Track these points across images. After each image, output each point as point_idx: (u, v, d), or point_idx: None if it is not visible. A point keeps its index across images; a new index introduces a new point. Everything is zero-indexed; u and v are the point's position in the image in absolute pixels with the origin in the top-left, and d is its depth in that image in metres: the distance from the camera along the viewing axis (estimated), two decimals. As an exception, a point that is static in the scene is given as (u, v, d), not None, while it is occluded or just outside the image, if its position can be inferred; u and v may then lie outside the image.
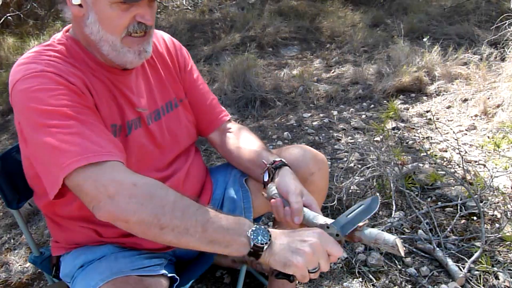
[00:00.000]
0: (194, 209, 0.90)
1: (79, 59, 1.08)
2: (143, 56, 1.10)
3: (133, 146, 1.14)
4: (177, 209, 0.89)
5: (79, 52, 1.09)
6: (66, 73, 1.00)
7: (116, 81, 1.13)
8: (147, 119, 1.19)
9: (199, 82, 1.38)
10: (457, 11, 4.90)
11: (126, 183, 0.89)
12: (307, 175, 1.27)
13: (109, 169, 0.91)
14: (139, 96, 1.18)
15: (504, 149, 2.50)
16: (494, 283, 1.61)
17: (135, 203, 0.87)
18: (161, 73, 1.27)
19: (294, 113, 3.33)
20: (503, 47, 3.54)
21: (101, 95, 1.08)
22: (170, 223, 0.87)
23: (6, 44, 5.12)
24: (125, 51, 1.06)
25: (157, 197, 0.89)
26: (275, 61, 4.48)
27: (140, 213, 0.87)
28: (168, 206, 0.88)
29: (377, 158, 2.30)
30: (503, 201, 2.04)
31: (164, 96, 1.26)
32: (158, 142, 1.21)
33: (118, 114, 1.12)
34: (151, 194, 0.89)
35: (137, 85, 1.19)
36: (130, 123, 1.14)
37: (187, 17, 5.52)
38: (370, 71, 3.81)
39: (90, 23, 1.04)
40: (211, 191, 1.37)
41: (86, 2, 1.02)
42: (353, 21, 5.16)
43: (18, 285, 1.88)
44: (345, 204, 2.09)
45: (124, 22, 1.03)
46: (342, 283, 1.70)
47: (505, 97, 2.89)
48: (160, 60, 1.28)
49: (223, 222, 0.90)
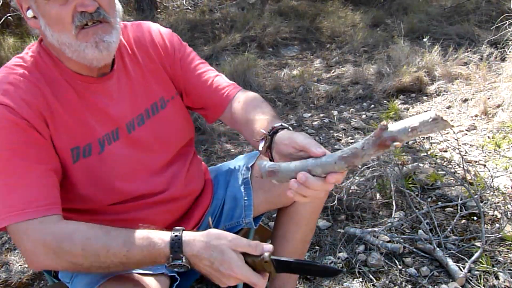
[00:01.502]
0: (105, 252, 0.92)
1: (48, 76, 1.02)
2: (102, 47, 0.99)
3: (111, 161, 1.08)
4: (90, 256, 0.93)
5: (50, 66, 1.03)
6: (20, 105, 0.95)
7: (88, 94, 1.06)
8: (128, 128, 1.12)
9: (194, 66, 1.24)
10: (457, 11, 4.90)
11: (38, 241, 0.93)
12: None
13: (27, 229, 0.93)
14: (120, 103, 1.11)
15: (504, 149, 2.50)
16: (494, 283, 1.61)
17: (51, 258, 0.93)
18: (145, 70, 1.17)
19: (294, 113, 3.33)
20: (503, 47, 3.54)
21: (65, 117, 1.02)
22: (92, 266, 0.93)
23: (6, 44, 5.12)
24: (83, 47, 0.98)
25: (66, 251, 0.93)
26: (275, 61, 4.48)
27: (62, 263, 0.94)
28: (80, 256, 0.93)
29: (377, 158, 2.30)
30: (503, 201, 2.04)
31: (149, 97, 1.17)
32: (144, 147, 1.15)
33: (85, 134, 1.05)
34: (60, 248, 0.93)
35: (118, 90, 1.11)
36: (103, 140, 1.07)
37: (187, 17, 5.53)
38: (370, 71, 3.81)
39: (44, 30, 0.99)
40: (211, 191, 1.36)
41: (35, 10, 0.98)
42: (353, 21, 5.16)
43: (18, 285, 1.88)
44: (345, 204, 2.09)
45: (65, 16, 0.95)
46: (342, 283, 1.70)
47: (505, 97, 2.89)
48: (143, 54, 1.17)
49: (138, 257, 0.94)
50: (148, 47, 1.18)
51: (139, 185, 1.14)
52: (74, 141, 1.04)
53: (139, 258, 0.94)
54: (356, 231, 1.91)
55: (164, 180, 1.19)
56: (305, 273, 0.87)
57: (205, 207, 1.33)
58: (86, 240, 0.94)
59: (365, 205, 2.11)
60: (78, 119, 1.04)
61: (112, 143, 1.09)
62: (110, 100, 1.09)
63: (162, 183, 1.18)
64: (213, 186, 1.38)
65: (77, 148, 1.04)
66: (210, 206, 1.35)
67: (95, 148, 1.06)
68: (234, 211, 1.32)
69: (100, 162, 1.06)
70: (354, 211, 2.08)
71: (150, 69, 1.18)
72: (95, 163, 1.06)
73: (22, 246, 0.94)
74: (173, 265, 0.93)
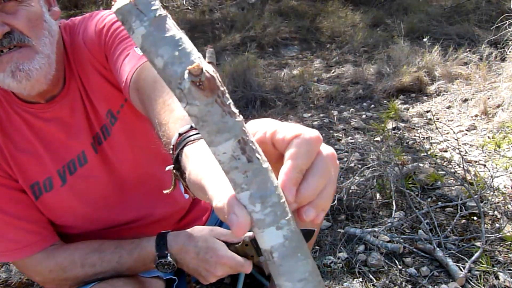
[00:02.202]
0: (100, 262, 0.97)
1: (1, 109, 0.96)
2: (20, 76, 0.84)
3: (78, 190, 1.02)
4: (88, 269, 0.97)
5: (1, 98, 0.96)
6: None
7: (42, 124, 0.97)
8: (93, 148, 1.03)
9: (117, 55, 0.96)
10: (457, 11, 4.90)
11: (44, 273, 0.99)
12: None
13: (33, 262, 1.00)
14: (76, 128, 1.00)
15: (504, 149, 2.50)
16: (494, 283, 1.61)
17: (57, 284, 1.00)
18: (87, 84, 1.01)
19: (294, 113, 3.33)
20: (503, 47, 3.54)
21: (18, 154, 0.96)
22: (90, 277, 0.97)
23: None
24: (1, 77, 0.84)
25: (70, 275, 0.98)
26: (275, 61, 4.48)
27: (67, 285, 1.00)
28: (81, 274, 0.97)
29: (377, 158, 2.30)
30: (503, 201, 2.04)
31: (99, 115, 1.03)
32: (109, 168, 1.05)
33: (43, 168, 0.99)
34: (65, 273, 0.98)
35: (73, 112, 1.00)
36: (63, 171, 1.00)
37: (187, 17, 5.53)
38: (370, 71, 3.81)
39: None
40: None
41: None
42: (353, 21, 5.16)
43: (18, 285, 1.88)
44: (345, 204, 2.09)
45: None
46: (342, 283, 1.70)
47: (505, 97, 2.89)
48: (79, 67, 1.00)
49: (129, 261, 0.97)
50: (81, 56, 1.00)
51: (118, 210, 1.08)
52: (33, 177, 0.98)
53: (130, 263, 0.96)
54: (356, 231, 1.91)
55: (142, 200, 1.10)
56: None
57: (205, 219, 1.29)
58: (83, 255, 0.98)
59: (365, 205, 2.11)
60: (34, 154, 0.98)
61: (76, 169, 1.00)
62: (65, 125, 0.99)
63: (141, 204, 1.10)
64: None
65: (37, 184, 0.99)
66: (210, 217, 1.31)
67: (56, 181, 1.00)
68: None
69: (65, 194, 1.01)
70: (354, 211, 2.08)
71: (90, 82, 1.02)
72: (60, 196, 1.01)
73: (32, 278, 1.06)
74: (159, 263, 0.93)
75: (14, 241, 0.97)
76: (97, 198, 1.05)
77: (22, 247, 0.97)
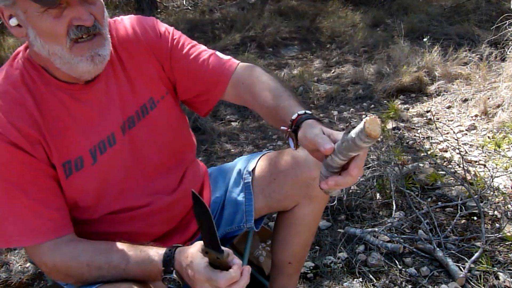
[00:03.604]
0: (107, 266, 0.97)
1: (34, 91, 0.99)
2: (97, 61, 0.96)
3: (105, 171, 1.06)
4: (94, 271, 0.98)
5: (35, 79, 1.00)
6: (11, 124, 0.94)
7: (77, 104, 1.02)
8: (122, 130, 1.08)
9: (186, 52, 1.17)
10: (457, 11, 4.91)
11: (49, 264, 1.00)
12: (309, 179, 1.23)
13: (40, 251, 1.00)
14: (109, 109, 1.07)
15: (504, 149, 2.50)
16: (494, 283, 1.61)
17: (62, 278, 1.02)
18: (130, 71, 1.11)
19: (294, 113, 3.33)
20: (503, 47, 3.55)
21: (54, 131, 0.99)
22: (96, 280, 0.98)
23: (6, 44, 5.13)
24: (77, 61, 0.95)
25: (74, 271, 0.99)
26: (275, 61, 4.48)
27: (72, 281, 1.01)
28: (86, 273, 0.98)
29: (377, 158, 2.30)
30: (503, 201, 2.04)
31: (137, 100, 1.12)
32: (138, 152, 1.11)
33: (75, 147, 1.02)
34: (69, 269, 0.99)
35: (107, 94, 1.07)
36: (94, 150, 1.04)
37: (187, 17, 5.53)
38: (370, 71, 3.81)
39: (32, 40, 0.95)
40: (209, 196, 1.33)
41: (21, 20, 0.94)
42: (353, 21, 5.16)
43: (18, 285, 1.88)
44: (345, 204, 2.09)
45: (60, 29, 0.92)
46: (342, 283, 1.70)
47: (505, 97, 2.89)
48: (127, 54, 1.11)
49: (136, 271, 0.97)
50: (131, 46, 1.12)
51: (134, 194, 1.12)
52: (65, 155, 1.01)
53: (136, 272, 0.95)
54: (356, 231, 1.91)
55: (158, 186, 1.15)
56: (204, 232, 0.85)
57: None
58: (90, 256, 0.97)
59: (365, 205, 2.11)
60: (68, 133, 1.01)
61: (106, 150, 1.06)
62: (99, 106, 1.05)
63: (156, 189, 1.16)
64: (211, 190, 1.35)
65: (68, 163, 1.01)
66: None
67: (87, 160, 1.03)
68: (235, 216, 1.29)
69: (94, 173, 1.04)
70: (354, 211, 2.08)
71: (136, 69, 1.12)
72: (89, 175, 1.04)
73: (38, 266, 1.04)
74: (165, 279, 0.93)
75: (33, 228, 0.97)
76: (119, 179, 1.09)
77: (39, 233, 0.97)
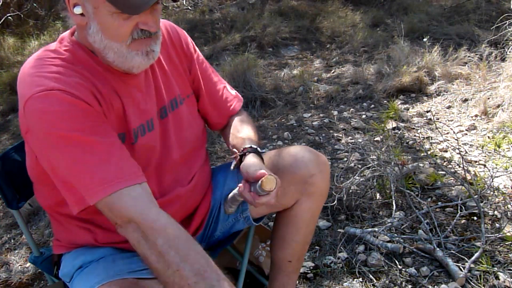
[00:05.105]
0: (175, 268, 0.91)
1: (87, 66, 1.05)
2: (151, 56, 1.06)
3: (140, 153, 1.11)
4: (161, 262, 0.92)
5: (85, 58, 1.06)
6: (75, 88, 0.98)
7: (123, 85, 1.09)
8: (156, 119, 1.16)
9: (209, 72, 1.34)
10: (457, 11, 4.90)
11: (147, 221, 0.93)
12: (307, 176, 1.26)
13: (131, 196, 0.95)
14: (148, 97, 1.15)
15: (504, 149, 2.50)
16: (494, 283, 1.61)
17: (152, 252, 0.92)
18: (166, 67, 1.22)
19: (294, 113, 3.33)
20: (503, 47, 3.54)
21: (108, 104, 1.05)
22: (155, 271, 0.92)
23: (7, 44, 5.12)
24: (132, 55, 1.03)
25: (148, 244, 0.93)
26: (275, 61, 4.48)
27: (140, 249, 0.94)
28: (154, 256, 0.92)
29: (377, 158, 2.30)
30: (503, 201, 2.04)
31: (170, 93, 1.22)
32: (163, 142, 1.18)
33: (124, 122, 1.09)
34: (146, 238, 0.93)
35: (146, 84, 1.16)
36: (136, 130, 1.11)
37: (187, 17, 5.53)
38: (370, 71, 3.81)
39: (92, 32, 1.01)
40: (211, 195, 1.35)
41: (87, 11, 0.99)
42: (353, 21, 5.16)
43: (18, 285, 1.88)
44: (345, 204, 2.09)
45: (126, 30, 1.00)
46: (342, 283, 1.70)
47: (505, 97, 2.89)
48: (163, 53, 1.22)
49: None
50: (168, 46, 1.24)
51: (155, 181, 1.16)
52: (117, 127, 1.07)
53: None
54: (356, 231, 1.91)
55: (176, 177, 1.21)
56: None
57: (205, 212, 1.32)
58: (167, 247, 0.91)
59: (365, 205, 2.11)
60: (119, 106, 1.08)
61: (145, 133, 1.12)
62: (140, 93, 1.13)
63: (174, 180, 1.21)
64: (212, 188, 1.37)
65: (119, 135, 1.06)
66: (209, 209, 1.34)
67: (128, 138, 1.09)
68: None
69: (131, 152, 1.07)
70: (354, 211, 2.08)
71: (169, 65, 1.23)
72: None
73: (119, 218, 0.95)
74: None
75: (123, 168, 0.97)
76: (147, 164, 1.13)
77: (130, 175, 0.97)
